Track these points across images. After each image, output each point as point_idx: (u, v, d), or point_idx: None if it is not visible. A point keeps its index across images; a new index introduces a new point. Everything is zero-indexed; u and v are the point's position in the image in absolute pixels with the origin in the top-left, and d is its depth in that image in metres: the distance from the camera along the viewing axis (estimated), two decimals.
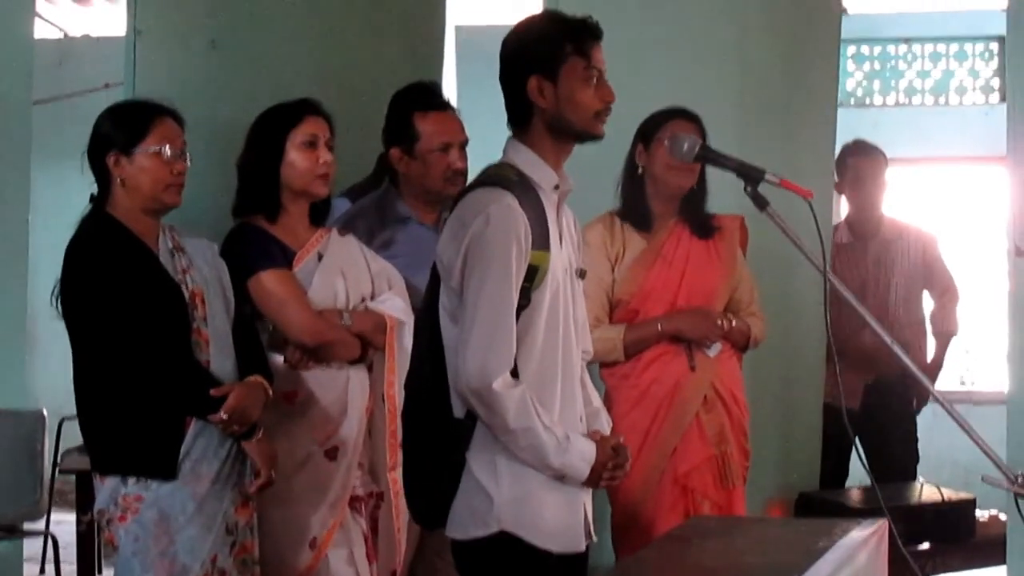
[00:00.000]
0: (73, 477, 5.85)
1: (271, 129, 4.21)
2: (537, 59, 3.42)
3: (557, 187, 3.47)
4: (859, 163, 6.26)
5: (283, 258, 4.16)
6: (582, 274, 3.60)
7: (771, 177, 3.34)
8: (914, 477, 6.07)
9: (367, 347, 4.22)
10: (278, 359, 4.13)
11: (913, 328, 6.26)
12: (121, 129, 3.91)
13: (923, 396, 6.24)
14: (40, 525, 6.44)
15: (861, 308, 3.29)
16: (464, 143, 4.56)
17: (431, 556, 4.54)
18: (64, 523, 6.56)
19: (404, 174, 4.56)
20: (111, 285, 3.77)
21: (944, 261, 6.48)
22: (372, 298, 4.28)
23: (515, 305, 3.32)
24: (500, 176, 3.41)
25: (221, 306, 3.97)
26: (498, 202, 3.33)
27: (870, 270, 6.19)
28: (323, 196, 4.25)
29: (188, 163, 3.96)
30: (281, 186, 4.19)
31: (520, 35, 3.50)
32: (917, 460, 6.27)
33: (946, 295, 6.45)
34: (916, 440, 6.29)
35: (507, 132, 3.53)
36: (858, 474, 5.87)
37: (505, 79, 3.49)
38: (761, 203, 3.33)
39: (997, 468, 3.11)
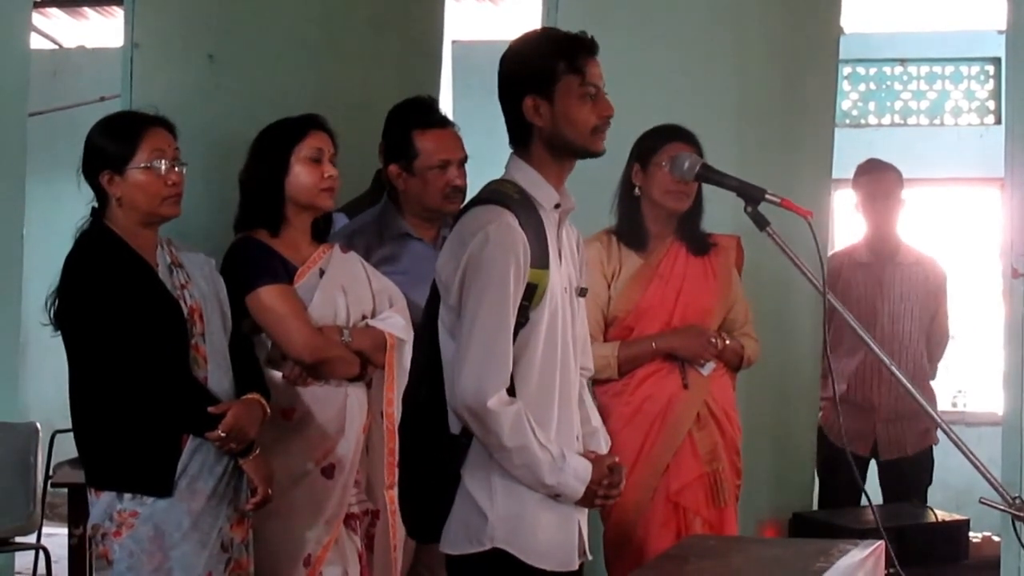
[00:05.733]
0: (65, 490, 5.83)
1: (276, 143, 4.19)
2: (531, 79, 3.41)
3: (558, 205, 3.47)
4: (871, 181, 6.17)
5: (284, 273, 4.15)
6: (583, 292, 3.60)
7: (772, 197, 3.33)
8: (925, 499, 6.04)
9: (366, 365, 4.21)
10: (276, 375, 4.11)
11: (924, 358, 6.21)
12: (111, 146, 3.86)
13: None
14: (32, 538, 6.41)
15: (861, 329, 3.28)
16: (463, 160, 4.54)
17: (423, 572, 4.53)
18: (55, 536, 6.53)
19: (403, 191, 4.55)
20: (110, 300, 3.75)
21: (947, 304, 6.34)
22: (373, 316, 4.26)
23: (512, 323, 3.32)
24: (500, 193, 3.40)
25: (219, 322, 3.95)
26: (497, 220, 3.33)
27: (886, 292, 6.14)
28: (328, 209, 4.25)
29: (184, 171, 3.91)
30: (286, 200, 4.18)
31: (514, 55, 3.48)
32: (930, 481, 6.23)
33: (942, 340, 6.32)
34: (932, 462, 6.24)
35: (502, 146, 3.52)
36: (873, 490, 5.89)
37: (503, 99, 3.47)
38: (761, 223, 3.32)
39: (995, 490, 3.10)
